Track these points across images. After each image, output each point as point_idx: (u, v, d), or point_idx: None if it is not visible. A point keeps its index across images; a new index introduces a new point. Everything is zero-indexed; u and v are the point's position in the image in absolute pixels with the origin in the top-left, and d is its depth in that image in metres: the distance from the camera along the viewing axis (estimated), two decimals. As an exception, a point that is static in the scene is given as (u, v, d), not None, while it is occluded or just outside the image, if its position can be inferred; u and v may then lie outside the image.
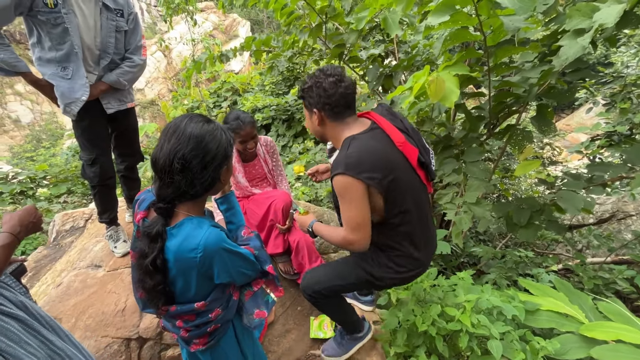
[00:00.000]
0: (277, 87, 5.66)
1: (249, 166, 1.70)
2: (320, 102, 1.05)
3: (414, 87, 1.08)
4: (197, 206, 0.82)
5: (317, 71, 1.07)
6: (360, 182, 0.96)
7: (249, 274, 0.88)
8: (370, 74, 1.98)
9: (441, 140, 1.78)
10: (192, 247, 0.74)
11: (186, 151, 0.73)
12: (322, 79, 1.04)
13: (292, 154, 3.67)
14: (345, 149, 1.00)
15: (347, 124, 1.08)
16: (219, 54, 2.71)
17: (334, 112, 1.06)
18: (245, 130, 1.51)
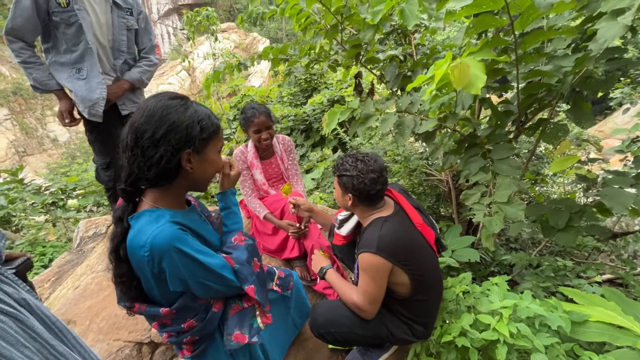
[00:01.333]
0: (295, 98, 5.71)
1: (266, 164, 1.69)
2: (357, 192, 1.14)
3: (436, 75, 1.01)
4: (166, 197, 0.72)
5: (360, 162, 1.15)
6: (389, 263, 1.05)
7: (214, 288, 0.76)
8: (389, 74, 1.93)
9: (465, 138, 1.69)
10: (141, 243, 0.65)
11: (138, 124, 0.65)
12: (364, 175, 1.12)
13: (310, 161, 3.65)
14: (378, 230, 1.09)
15: (377, 209, 1.19)
16: (237, 63, 2.76)
17: (369, 201, 1.16)
18: (259, 118, 1.52)
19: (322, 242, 1.49)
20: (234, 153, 1.67)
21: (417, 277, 1.10)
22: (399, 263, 1.06)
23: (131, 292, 0.73)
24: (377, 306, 1.11)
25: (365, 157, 1.15)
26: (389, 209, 1.19)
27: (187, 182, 0.75)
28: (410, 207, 1.22)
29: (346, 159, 1.18)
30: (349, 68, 2.43)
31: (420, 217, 1.21)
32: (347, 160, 1.17)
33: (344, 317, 1.14)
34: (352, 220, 1.31)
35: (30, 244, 3.07)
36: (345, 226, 1.31)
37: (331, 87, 5.58)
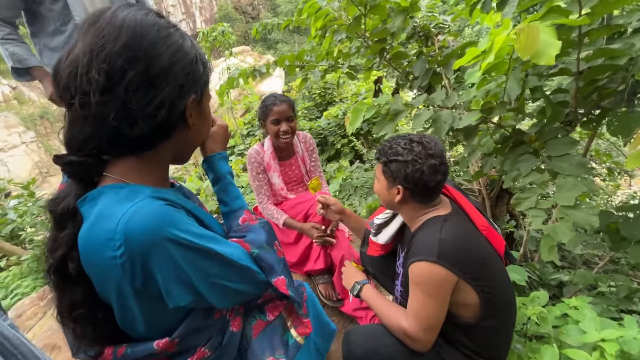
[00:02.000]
0: (309, 112, 5.64)
1: (285, 165, 1.50)
2: (411, 183, 0.91)
3: (495, 43, 0.82)
4: (144, 170, 0.49)
5: (417, 143, 0.91)
6: (453, 275, 0.82)
7: (238, 290, 0.52)
8: (417, 69, 1.76)
9: (511, 135, 1.47)
10: (107, 235, 0.41)
11: (115, 49, 0.42)
12: (423, 160, 0.89)
13: (327, 173, 3.47)
14: (437, 232, 0.87)
15: (432, 207, 0.97)
16: (251, 70, 2.67)
17: (424, 196, 0.94)
18: (280, 107, 1.35)
19: (353, 253, 1.27)
20: (248, 153, 1.49)
21: (488, 295, 0.86)
22: (466, 276, 0.82)
23: (95, 331, 0.47)
24: (433, 334, 0.86)
25: (423, 139, 0.91)
26: (446, 208, 0.96)
27: (175, 147, 0.53)
28: (471, 207, 0.99)
29: (397, 140, 0.93)
30: (370, 69, 2.29)
31: (484, 219, 0.98)
32: (397, 142, 0.92)
33: (388, 347, 0.88)
34: (392, 224, 1.09)
35: (36, 259, 2.95)
36: (384, 232, 1.08)
37: (346, 100, 5.49)
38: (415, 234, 0.96)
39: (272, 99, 1.39)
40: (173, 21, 0.49)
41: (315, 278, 1.35)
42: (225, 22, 7.49)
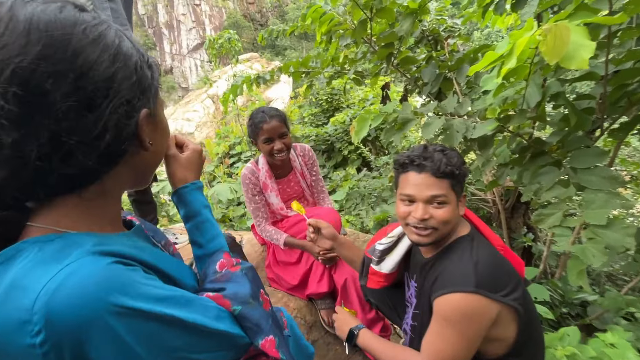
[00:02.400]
0: (316, 118, 5.58)
1: (283, 183, 1.40)
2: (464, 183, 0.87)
3: (517, 46, 0.73)
4: (83, 209, 0.38)
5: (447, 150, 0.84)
6: (496, 304, 0.70)
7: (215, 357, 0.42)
8: (427, 74, 1.67)
9: (530, 145, 1.36)
10: (21, 316, 0.29)
11: (25, 63, 0.30)
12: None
13: (333, 181, 3.38)
14: (469, 255, 0.75)
15: (459, 220, 0.88)
16: (255, 76, 2.62)
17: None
18: (270, 123, 1.22)
19: (356, 276, 1.17)
20: (242, 174, 1.38)
21: (525, 325, 0.74)
22: (514, 301, 0.70)
23: None
24: None
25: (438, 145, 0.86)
26: (464, 225, 0.87)
27: (128, 174, 0.42)
28: (482, 223, 0.89)
29: (433, 148, 0.82)
30: (377, 75, 2.21)
31: (498, 237, 0.88)
32: (441, 149, 0.82)
33: None
34: (398, 249, 0.97)
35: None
36: (388, 260, 0.96)
37: (353, 106, 5.41)
38: (437, 260, 0.82)
39: (260, 116, 1.25)
40: (99, 16, 0.37)
41: (317, 303, 1.26)
42: (234, 30, 7.52)
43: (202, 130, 17.18)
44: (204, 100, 16.75)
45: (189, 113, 15.55)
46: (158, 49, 33.38)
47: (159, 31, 33.35)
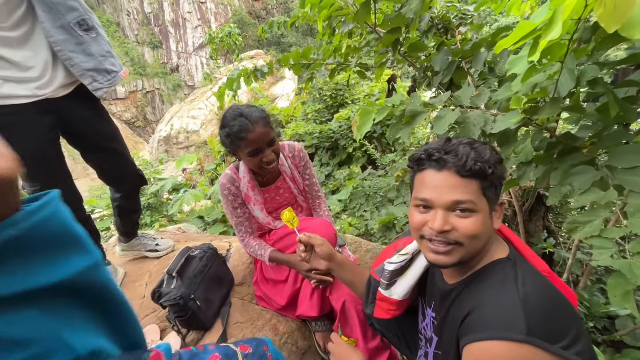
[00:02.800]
0: (319, 114, 5.42)
1: (270, 191, 1.21)
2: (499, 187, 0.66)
3: (564, 8, 0.56)
4: None
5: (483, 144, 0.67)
6: (554, 357, 0.50)
7: None
8: (438, 62, 1.50)
9: (559, 140, 1.19)
10: None
11: None
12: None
13: (337, 180, 3.22)
14: (513, 287, 0.56)
15: (493, 236, 0.69)
16: (253, 69, 2.47)
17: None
18: (255, 131, 0.99)
19: (356, 297, 1.01)
20: (220, 182, 1.18)
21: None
22: (578, 357, 0.52)
23: None
24: None
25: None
26: (501, 243, 0.68)
27: None
28: (523, 245, 0.71)
29: (461, 141, 0.65)
30: (383, 65, 2.04)
31: (543, 261, 0.69)
32: (470, 143, 0.65)
33: None
34: (412, 270, 0.78)
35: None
36: (400, 283, 0.77)
37: (358, 102, 5.24)
38: (464, 289, 0.64)
39: (240, 123, 0.99)
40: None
41: (312, 324, 1.10)
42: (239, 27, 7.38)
43: (207, 127, 17.14)
44: (208, 98, 16.70)
45: (194, 111, 15.52)
46: (164, 47, 33.47)
47: (164, 29, 33.42)
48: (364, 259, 1.38)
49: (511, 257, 0.64)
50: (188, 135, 15.23)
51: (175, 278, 1.03)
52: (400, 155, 3.90)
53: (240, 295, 1.25)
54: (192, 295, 1.02)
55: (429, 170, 0.63)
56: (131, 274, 1.46)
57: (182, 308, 1.00)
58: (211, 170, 5.25)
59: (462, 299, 0.64)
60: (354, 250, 1.41)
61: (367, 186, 2.78)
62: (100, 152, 1.26)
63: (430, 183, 0.62)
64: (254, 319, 1.13)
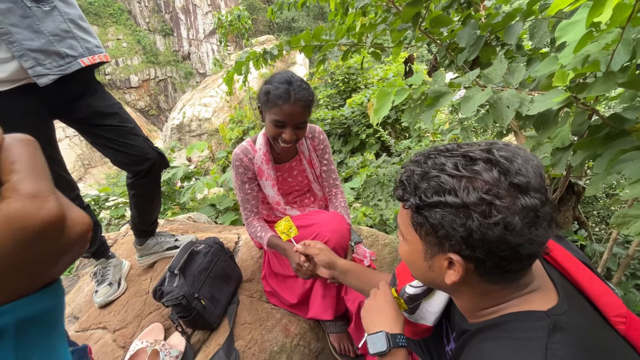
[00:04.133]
0: (332, 100, 5.26)
1: (283, 170, 1.14)
2: (479, 251, 0.45)
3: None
4: None
5: (483, 162, 0.45)
6: None
7: None
8: (464, 38, 1.35)
9: (606, 122, 1.05)
10: None
11: None
12: (505, 201, 0.43)
13: (350, 168, 3.12)
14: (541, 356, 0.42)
15: (518, 289, 0.50)
16: (262, 52, 2.36)
17: (504, 274, 0.48)
18: (293, 107, 0.94)
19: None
20: (234, 153, 1.12)
21: None
22: None
23: None
24: None
25: (494, 149, 0.46)
26: (546, 292, 0.51)
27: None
28: (583, 274, 0.54)
29: (436, 157, 0.49)
30: (400, 44, 1.89)
31: (619, 300, 0.52)
32: (439, 162, 0.48)
33: None
34: (439, 295, 0.67)
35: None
36: (428, 307, 0.67)
37: (372, 86, 5.05)
38: (478, 334, 0.51)
39: (285, 91, 0.95)
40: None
41: (326, 325, 1.02)
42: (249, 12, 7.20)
43: (219, 115, 17.14)
44: (219, 85, 16.60)
45: (206, 98, 15.49)
46: (175, 35, 33.32)
47: (175, 16, 33.18)
48: (382, 253, 1.28)
49: (552, 313, 0.47)
50: (200, 123, 15.28)
51: (177, 276, 0.96)
52: (415, 142, 3.73)
53: (249, 292, 1.18)
54: (196, 294, 0.96)
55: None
56: (136, 266, 1.41)
57: (185, 308, 0.94)
58: (223, 157, 5.22)
59: (474, 342, 0.51)
60: (371, 244, 1.32)
61: (382, 174, 2.66)
62: (102, 131, 1.12)
63: None
64: (263, 318, 1.07)
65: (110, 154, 1.15)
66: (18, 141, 0.20)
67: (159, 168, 1.21)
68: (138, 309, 1.18)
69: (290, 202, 1.15)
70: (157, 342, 0.99)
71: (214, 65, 5.27)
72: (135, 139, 1.15)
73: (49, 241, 0.20)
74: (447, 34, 1.55)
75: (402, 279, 0.71)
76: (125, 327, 1.14)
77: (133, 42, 30.64)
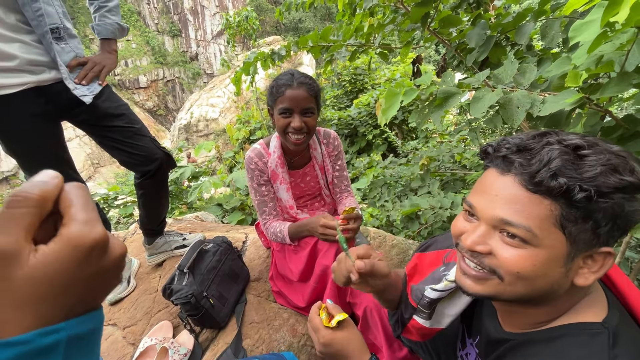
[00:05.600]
0: (338, 100, 5.26)
1: (296, 176, 1.14)
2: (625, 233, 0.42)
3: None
4: None
5: (602, 145, 0.42)
6: None
7: None
8: (474, 38, 1.34)
9: (619, 124, 1.03)
10: None
11: None
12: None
13: (356, 169, 3.11)
14: None
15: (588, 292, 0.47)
16: (270, 52, 2.37)
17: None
18: (296, 91, 0.94)
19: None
20: (247, 156, 1.11)
21: None
22: None
23: None
24: None
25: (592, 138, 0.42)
26: (597, 302, 0.47)
27: None
28: (622, 277, 0.50)
29: (555, 139, 0.42)
30: (409, 45, 1.89)
31: None
32: (574, 142, 0.41)
33: None
34: (459, 299, 0.62)
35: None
36: (442, 310, 0.63)
37: (379, 87, 5.04)
38: (521, 348, 0.47)
39: (286, 78, 0.97)
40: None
41: (332, 328, 1.02)
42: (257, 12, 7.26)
43: (226, 115, 17.27)
44: (227, 86, 16.73)
45: (213, 99, 15.62)
46: (183, 36, 33.69)
47: (184, 17, 33.54)
48: (389, 254, 1.28)
49: (609, 324, 0.42)
50: (207, 123, 15.41)
51: (187, 274, 0.97)
52: (423, 143, 3.71)
53: (256, 292, 1.19)
54: (204, 293, 0.97)
55: (492, 169, 0.47)
56: (145, 264, 1.43)
57: (194, 306, 0.95)
58: (229, 157, 5.25)
59: (519, 356, 0.47)
60: (378, 245, 1.31)
61: (389, 175, 2.65)
62: (109, 132, 1.14)
63: (485, 187, 0.47)
64: (270, 318, 1.07)
65: (117, 155, 1.17)
66: (73, 185, 0.27)
67: (166, 168, 1.22)
68: (147, 307, 1.19)
69: (301, 206, 1.16)
70: (166, 339, 1.00)
71: (222, 65, 5.31)
72: (143, 139, 1.17)
73: (96, 260, 0.25)
74: (456, 34, 1.54)
75: (412, 278, 0.69)
76: (135, 324, 1.16)
77: (142, 43, 31.04)
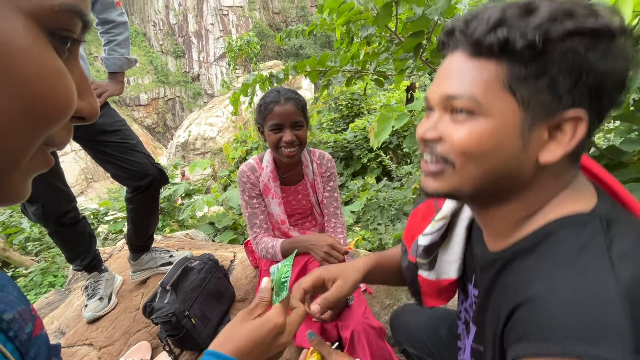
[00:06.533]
0: (335, 124, 5.36)
1: (288, 193, 1.14)
2: (605, 94, 0.35)
3: None
4: None
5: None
6: None
7: None
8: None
9: (603, 153, 1.06)
10: None
11: None
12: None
13: (350, 191, 3.12)
14: (604, 264, 0.31)
15: (568, 181, 0.40)
16: (269, 75, 2.44)
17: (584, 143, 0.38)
18: (283, 106, 0.97)
19: (371, 323, 0.88)
20: (240, 170, 1.11)
21: None
22: None
23: None
24: None
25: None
26: (580, 191, 0.39)
27: None
28: (618, 185, 0.42)
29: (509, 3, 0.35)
30: (403, 73, 1.96)
31: None
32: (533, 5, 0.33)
33: None
34: (457, 234, 0.54)
35: (43, 272, 2.84)
36: (446, 257, 0.56)
37: (374, 112, 5.17)
38: (514, 260, 0.41)
39: (273, 95, 1.01)
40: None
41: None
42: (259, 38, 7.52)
43: (223, 135, 17.43)
44: (226, 106, 17.03)
45: (212, 118, 15.82)
46: (187, 57, 34.67)
47: (188, 40, 34.68)
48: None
49: (599, 211, 0.36)
50: (205, 142, 15.50)
51: (169, 292, 0.94)
52: (417, 167, 3.76)
53: (241, 312, 1.15)
54: (186, 312, 0.93)
55: (447, 55, 0.41)
56: (129, 282, 1.38)
57: (174, 326, 0.91)
58: (224, 176, 5.25)
59: (510, 276, 0.40)
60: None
61: (382, 198, 2.66)
62: (103, 147, 1.15)
63: (437, 75, 0.41)
64: (254, 340, 1.03)
65: (110, 169, 1.18)
66: None
67: (159, 184, 1.23)
68: (126, 326, 1.14)
69: (292, 224, 1.15)
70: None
71: (222, 86, 5.45)
72: (137, 155, 1.18)
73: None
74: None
75: (412, 240, 0.62)
76: (112, 345, 1.10)
77: (145, 62, 31.78)
